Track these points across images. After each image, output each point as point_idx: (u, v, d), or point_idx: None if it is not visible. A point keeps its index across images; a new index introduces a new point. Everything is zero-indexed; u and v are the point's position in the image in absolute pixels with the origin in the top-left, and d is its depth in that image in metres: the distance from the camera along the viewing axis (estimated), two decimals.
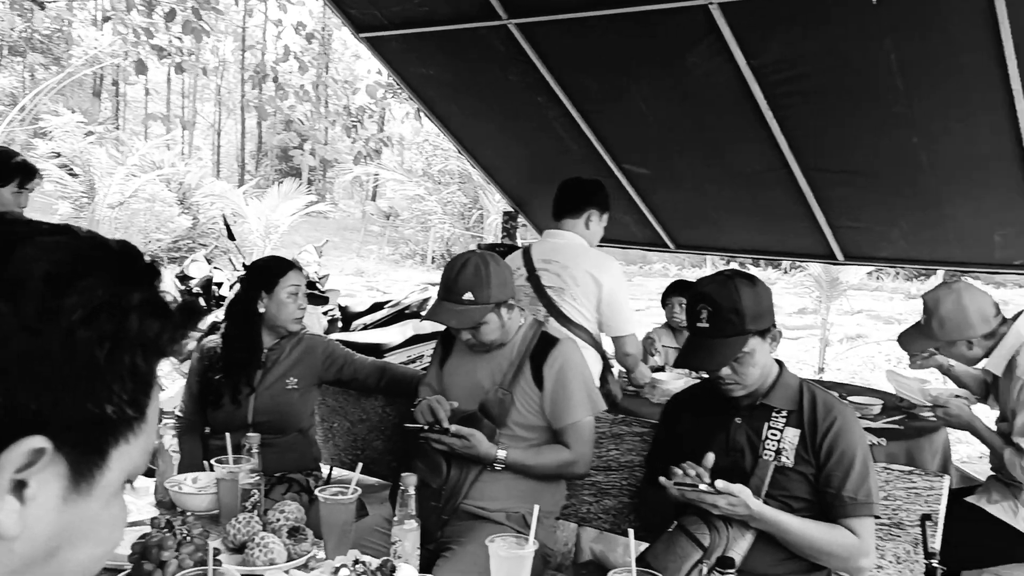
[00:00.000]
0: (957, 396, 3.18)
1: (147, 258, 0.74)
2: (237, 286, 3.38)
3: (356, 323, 6.47)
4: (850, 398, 3.64)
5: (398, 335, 5.60)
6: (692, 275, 22.59)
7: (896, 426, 3.34)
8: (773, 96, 4.39)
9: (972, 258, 4.89)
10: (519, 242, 8.20)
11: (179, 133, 27.81)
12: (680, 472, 2.09)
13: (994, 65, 3.59)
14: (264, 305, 3.04)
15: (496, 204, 6.14)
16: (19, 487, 0.64)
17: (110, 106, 28.70)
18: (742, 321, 2.14)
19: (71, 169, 14.96)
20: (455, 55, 5.14)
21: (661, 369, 3.98)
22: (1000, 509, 2.90)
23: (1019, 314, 3.02)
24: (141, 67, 6.72)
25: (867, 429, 3.27)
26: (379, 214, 25.74)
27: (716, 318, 2.16)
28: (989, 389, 3.17)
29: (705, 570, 2.06)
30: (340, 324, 6.48)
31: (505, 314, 2.60)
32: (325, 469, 3.34)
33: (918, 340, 3.15)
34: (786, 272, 17.39)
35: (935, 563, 2.03)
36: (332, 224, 29.09)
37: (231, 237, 5.81)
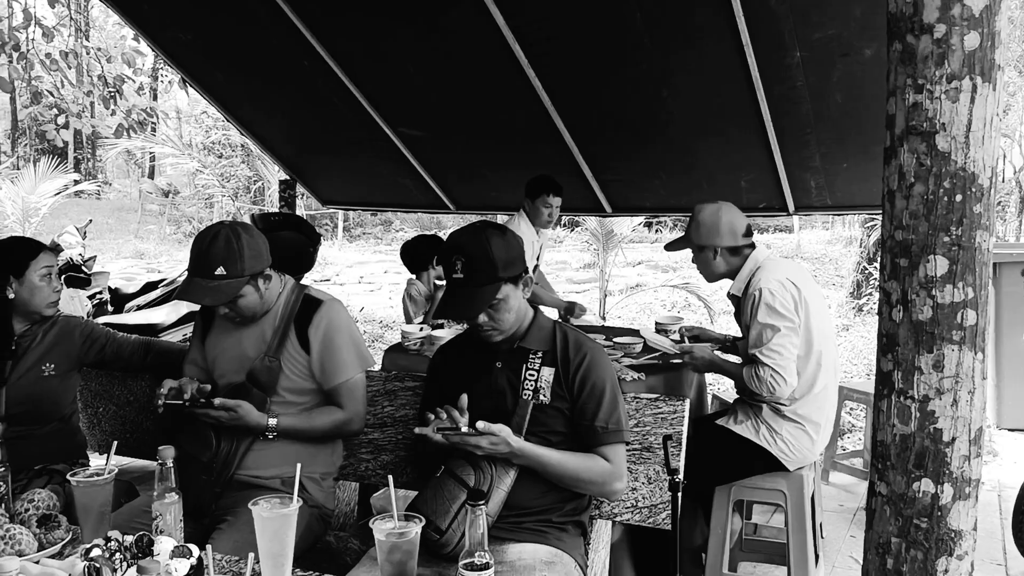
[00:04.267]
0: (699, 345, 3.47)
1: None
2: None
3: (129, 305, 6.13)
4: (616, 339, 3.87)
5: (171, 314, 5.36)
6: None
7: (656, 362, 3.58)
8: (534, 55, 4.53)
9: None
10: (299, 211, 8.03)
11: None
12: (434, 417, 2.15)
13: (724, 22, 3.87)
14: (13, 291, 2.83)
15: (277, 174, 6.01)
16: None
17: None
18: (494, 269, 2.23)
19: None
20: (211, 19, 4.92)
21: (441, 326, 4.05)
22: (744, 428, 3.19)
23: (753, 247, 3.34)
24: None
25: (630, 366, 3.51)
26: (157, 192, 24.36)
27: (470, 268, 2.23)
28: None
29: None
30: (111, 308, 6.12)
31: (262, 284, 2.55)
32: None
33: (680, 244, 3.41)
34: (572, 229, 18.06)
35: (677, 478, 2.21)
36: (106, 205, 27.20)
37: None
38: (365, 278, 15.38)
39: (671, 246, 3.53)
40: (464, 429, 2.12)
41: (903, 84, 1.44)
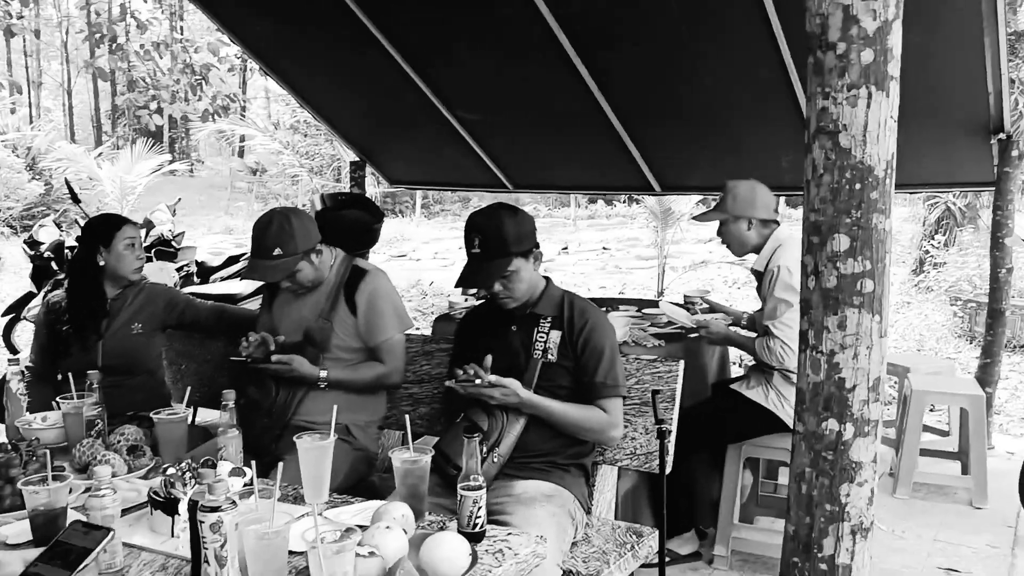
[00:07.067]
0: (716, 319, 3.76)
1: None
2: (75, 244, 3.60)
3: (213, 277, 6.68)
4: (644, 310, 4.17)
5: (249, 285, 5.85)
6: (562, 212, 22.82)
7: (679, 331, 3.88)
8: (580, 45, 4.83)
9: (766, 182, 5.46)
10: (373, 190, 8.46)
11: (23, 96, 26.47)
12: (461, 372, 2.52)
13: (753, 5, 4.10)
14: (103, 258, 3.31)
15: (349, 155, 6.44)
16: None
17: None
18: (506, 245, 2.57)
19: None
20: (287, 13, 5.33)
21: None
22: (755, 393, 3.47)
23: (778, 224, 3.59)
24: None
25: (654, 335, 3.81)
26: (246, 170, 25.29)
27: (486, 244, 2.58)
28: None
29: (485, 449, 2.51)
30: (197, 279, 6.68)
31: (315, 259, 2.95)
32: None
33: (711, 215, 3.68)
34: (630, 205, 18.20)
35: (664, 427, 2.53)
36: (199, 183, 28.39)
37: (76, 201, 5.91)
38: (440, 254, 15.85)
39: (702, 217, 3.80)
40: (479, 381, 2.48)
41: (815, 91, 1.72)
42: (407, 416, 2.26)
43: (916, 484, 4.42)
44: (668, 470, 2.62)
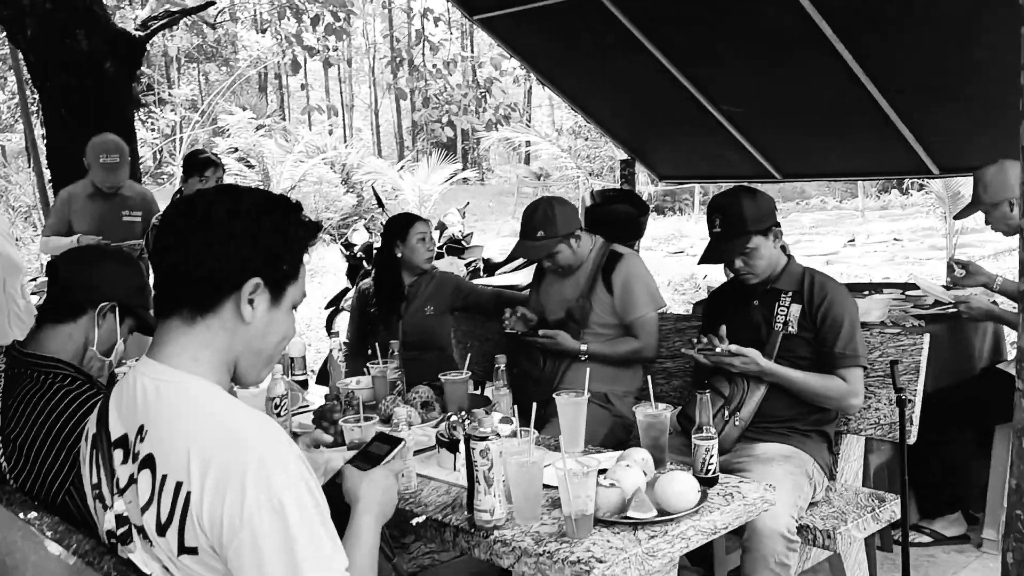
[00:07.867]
0: (975, 294, 3.64)
1: (295, 199, 1.55)
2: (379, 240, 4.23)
3: (498, 272, 7.33)
4: (907, 292, 4.12)
5: (528, 277, 6.40)
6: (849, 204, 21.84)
7: (944, 312, 3.81)
8: (843, 32, 4.82)
9: None
10: (643, 190, 8.75)
11: (339, 118, 29.64)
12: (698, 341, 2.76)
13: None
14: (400, 251, 3.89)
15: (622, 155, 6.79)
16: (250, 302, 1.45)
17: (275, 99, 30.98)
18: (744, 224, 2.77)
19: (247, 161, 16.69)
20: (559, 26, 5.79)
21: None
22: None
23: None
24: (296, 66, 7.78)
25: (917, 316, 3.78)
26: (531, 176, 26.53)
27: (725, 223, 2.80)
28: None
29: (727, 414, 2.73)
30: (483, 274, 7.36)
31: (574, 243, 3.30)
32: None
33: (969, 210, 3.62)
34: (920, 190, 16.95)
35: (903, 396, 2.59)
36: (488, 190, 30.22)
37: (381, 207, 6.74)
38: None
39: (960, 215, 3.73)
40: (719, 350, 2.71)
41: None
42: (648, 377, 2.55)
43: None
44: (912, 441, 2.69)
